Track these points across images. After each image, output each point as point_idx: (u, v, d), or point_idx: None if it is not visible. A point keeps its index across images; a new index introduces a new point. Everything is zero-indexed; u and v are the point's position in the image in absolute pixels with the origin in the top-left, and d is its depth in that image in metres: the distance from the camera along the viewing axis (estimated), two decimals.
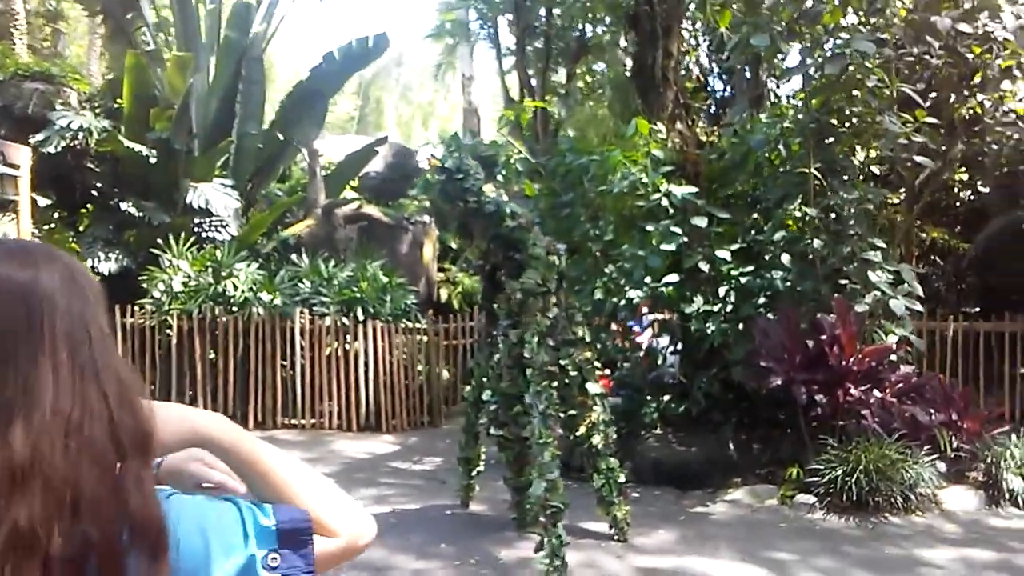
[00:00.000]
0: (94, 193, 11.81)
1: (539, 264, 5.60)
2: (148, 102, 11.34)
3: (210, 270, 10.06)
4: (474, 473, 6.54)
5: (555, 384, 5.54)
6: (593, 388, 5.81)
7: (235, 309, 9.83)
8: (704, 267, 7.88)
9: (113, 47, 12.92)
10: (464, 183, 5.60)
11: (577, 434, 5.85)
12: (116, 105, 11.75)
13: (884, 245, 7.60)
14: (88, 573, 0.84)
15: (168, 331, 9.82)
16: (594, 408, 5.77)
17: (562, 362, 5.69)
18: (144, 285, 10.01)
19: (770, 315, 7.46)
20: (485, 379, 6.21)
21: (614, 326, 8.70)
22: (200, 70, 12.92)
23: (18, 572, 0.81)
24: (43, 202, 10.59)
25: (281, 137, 13.46)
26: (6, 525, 0.81)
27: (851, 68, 7.57)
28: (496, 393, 6.10)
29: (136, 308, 9.95)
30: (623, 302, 8.14)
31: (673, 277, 7.87)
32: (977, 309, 9.83)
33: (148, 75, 11.70)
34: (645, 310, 8.95)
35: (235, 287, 9.89)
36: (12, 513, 0.82)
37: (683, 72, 11.26)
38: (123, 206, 11.03)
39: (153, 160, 11.06)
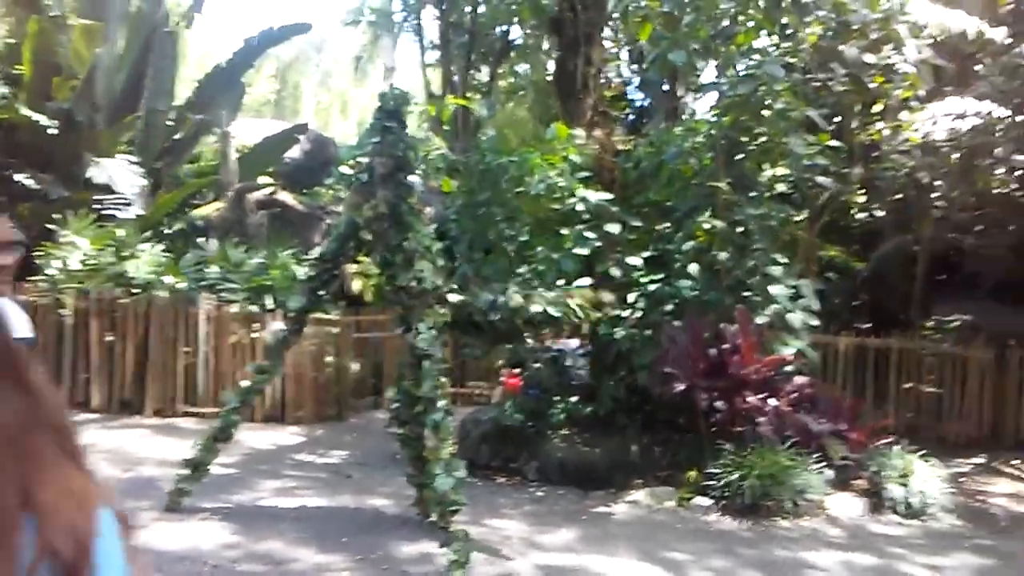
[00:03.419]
0: None
1: (431, 256, 5.61)
2: (51, 71, 10.84)
3: (111, 249, 9.66)
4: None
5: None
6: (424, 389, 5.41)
7: (137, 291, 9.47)
8: (616, 272, 8.06)
9: (16, 11, 12.23)
10: (399, 134, 5.60)
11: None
12: (16, 72, 11.16)
13: (786, 260, 7.94)
14: None
15: (62, 310, 9.38)
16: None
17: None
18: (39, 262, 9.54)
19: (677, 323, 7.69)
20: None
21: None
22: (108, 40, 12.40)
23: None
24: None
25: (193, 116, 13.04)
26: None
27: (761, 89, 7.88)
28: (398, 391, 6.10)
29: (28, 285, 9.47)
30: None
31: (585, 281, 8.01)
32: (868, 325, 10.36)
33: (52, 42, 11.16)
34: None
35: (137, 268, 9.53)
36: None
37: (603, 80, 11.43)
38: (18, 177, 10.49)
39: (53, 131, 10.56)
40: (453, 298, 5.87)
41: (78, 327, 9.41)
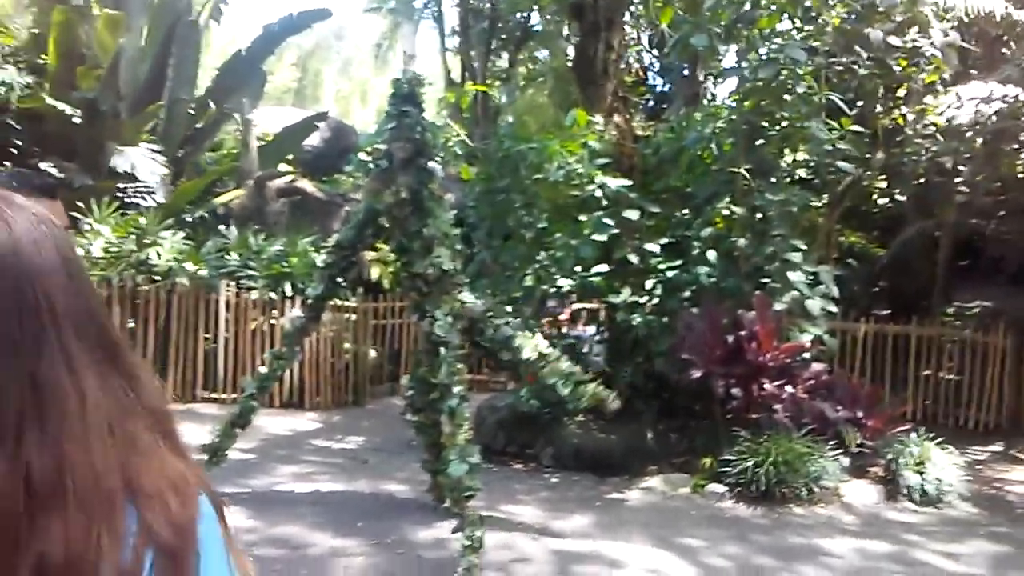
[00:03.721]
0: (13, 151, 11.32)
1: (449, 242, 5.60)
2: (75, 60, 10.94)
3: (133, 237, 9.77)
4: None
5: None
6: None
7: (158, 278, 9.59)
8: (633, 259, 8.04)
9: (40, 0, 12.36)
10: (415, 118, 5.59)
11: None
12: (41, 61, 11.29)
13: (805, 247, 7.88)
14: None
15: None
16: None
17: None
18: None
19: (694, 309, 7.66)
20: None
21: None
22: (132, 30, 12.50)
23: None
24: None
25: (214, 105, 13.13)
26: (31, 559, 0.66)
27: (783, 74, 7.80)
28: (413, 379, 6.13)
29: None
30: (553, 290, 8.25)
31: (603, 267, 8.01)
32: (888, 312, 10.27)
33: (77, 32, 11.26)
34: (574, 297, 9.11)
35: (159, 256, 9.64)
36: (39, 544, 0.67)
37: (623, 66, 11.38)
38: (43, 166, 10.61)
39: (78, 120, 10.68)
40: (468, 300, 5.74)
41: None
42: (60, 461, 0.69)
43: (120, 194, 10.93)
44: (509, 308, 8.54)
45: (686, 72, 14.60)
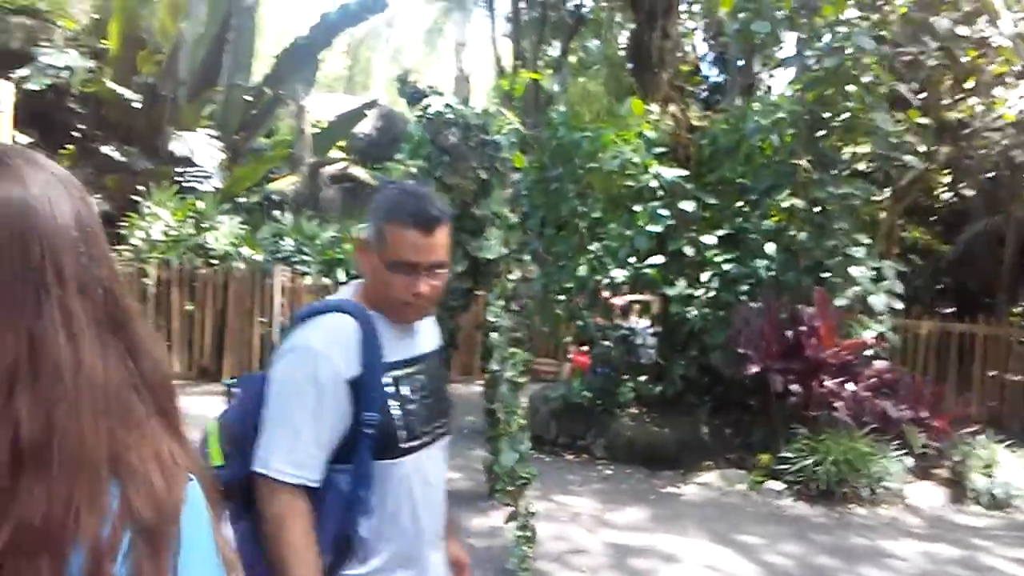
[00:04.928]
0: (76, 134, 11.58)
1: (502, 223, 5.52)
2: (136, 45, 11.13)
3: (191, 221, 9.93)
4: None
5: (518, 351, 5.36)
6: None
7: (215, 262, 9.73)
8: (689, 251, 7.92)
9: None
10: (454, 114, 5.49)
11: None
12: (102, 45, 11.50)
13: (868, 241, 7.68)
14: (129, 562, 0.69)
15: (145, 280, 9.70)
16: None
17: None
18: (123, 231, 9.87)
19: (751, 303, 7.52)
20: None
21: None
22: (191, 16, 12.67)
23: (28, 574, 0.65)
24: (24, 140, 10.35)
25: (270, 92, 13.27)
26: (10, 522, 0.65)
27: (848, 63, 7.59)
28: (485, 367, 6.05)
29: (114, 254, 9.83)
30: (606, 280, 8.17)
31: (657, 259, 7.91)
32: (952, 310, 9.98)
33: (137, 16, 11.45)
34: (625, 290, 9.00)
35: (216, 240, 9.79)
36: (19, 508, 0.65)
37: (679, 54, 11.20)
38: (105, 149, 10.84)
39: (138, 105, 10.86)
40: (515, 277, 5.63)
41: (160, 296, 9.73)
42: (49, 423, 0.67)
43: (178, 178, 11.12)
44: (561, 298, 8.53)
45: (741, 62, 14.37)
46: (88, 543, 0.67)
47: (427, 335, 1.90)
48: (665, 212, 7.69)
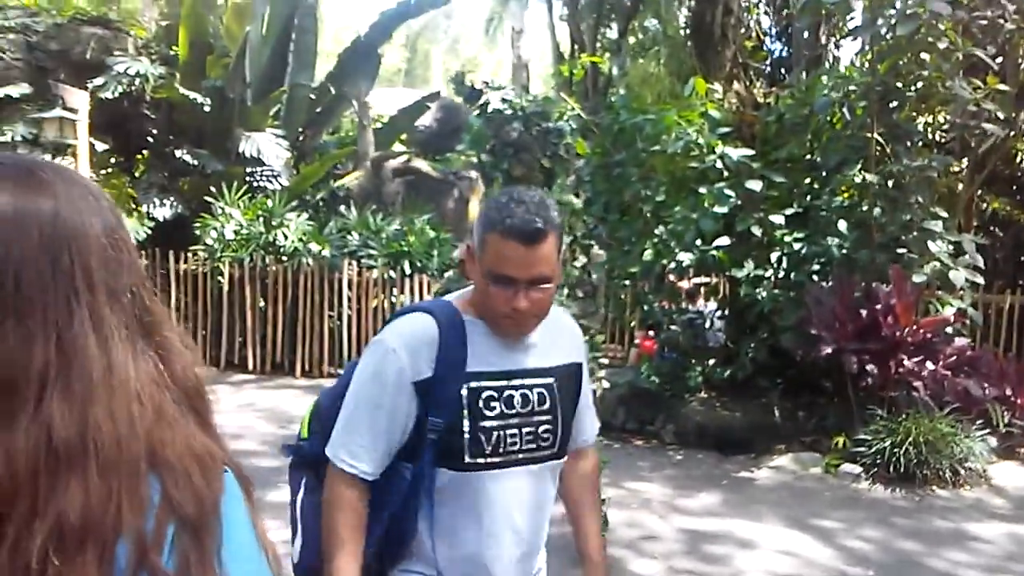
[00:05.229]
0: (149, 140, 11.97)
1: (566, 209, 5.48)
2: (204, 49, 11.41)
3: (261, 219, 10.18)
4: None
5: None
6: None
7: (285, 259, 9.97)
8: (756, 231, 7.75)
9: None
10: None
11: None
12: (172, 52, 11.84)
13: (946, 214, 7.41)
14: (176, 554, 0.72)
15: (220, 278, 10.00)
16: None
17: None
18: (197, 232, 10.18)
19: (823, 283, 7.34)
20: None
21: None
22: (255, 18, 12.94)
23: (69, 571, 0.67)
24: (100, 147, 10.75)
25: (333, 90, 13.48)
26: (49, 518, 0.67)
27: (923, 30, 7.31)
28: None
29: (189, 255, 10.17)
30: (672, 264, 8.07)
31: (724, 241, 7.77)
32: None
33: (204, 22, 11.74)
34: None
35: (285, 237, 10.01)
36: (56, 504, 0.67)
37: (743, 30, 10.96)
38: (177, 153, 11.16)
39: (207, 108, 11.15)
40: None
41: (233, 293, 10.01)
42: (83, 424, 0.69)
43: (248, 178, 11.38)
44: (627, 283, 8.46)
45: (806, 35, 13.97)
46: (132, 535, 0.70)
47: (549, 350, 1.78)
48: (731, 193, 7.53)
